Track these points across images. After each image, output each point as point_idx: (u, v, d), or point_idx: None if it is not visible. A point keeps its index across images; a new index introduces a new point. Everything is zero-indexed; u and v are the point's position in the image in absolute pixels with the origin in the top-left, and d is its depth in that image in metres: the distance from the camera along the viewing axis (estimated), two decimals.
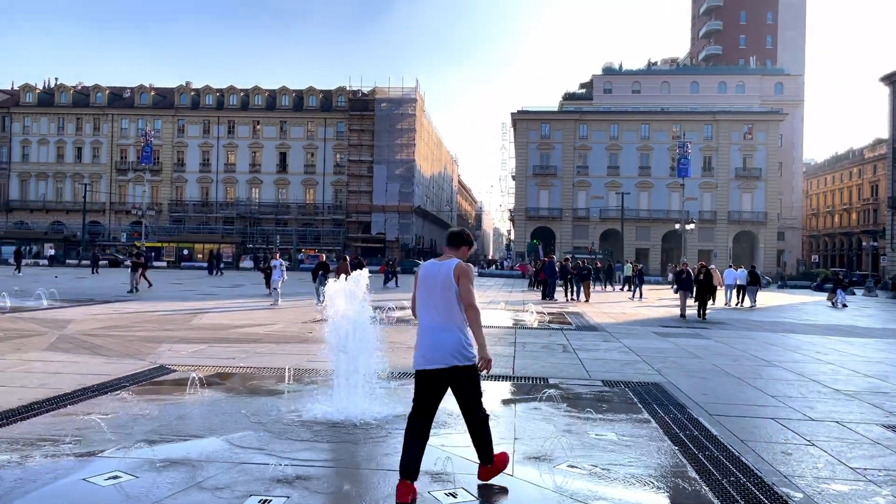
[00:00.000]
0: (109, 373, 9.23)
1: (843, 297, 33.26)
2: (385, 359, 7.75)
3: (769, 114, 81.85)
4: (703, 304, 21.32)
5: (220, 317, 18.11)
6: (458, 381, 4.84)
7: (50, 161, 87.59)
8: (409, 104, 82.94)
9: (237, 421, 6.63)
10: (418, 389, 4.90)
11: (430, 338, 4.84)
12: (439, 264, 4.97)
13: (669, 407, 7.76)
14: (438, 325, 4.83)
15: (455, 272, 4.83)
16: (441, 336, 4.79)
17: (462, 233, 5.13)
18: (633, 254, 78.40)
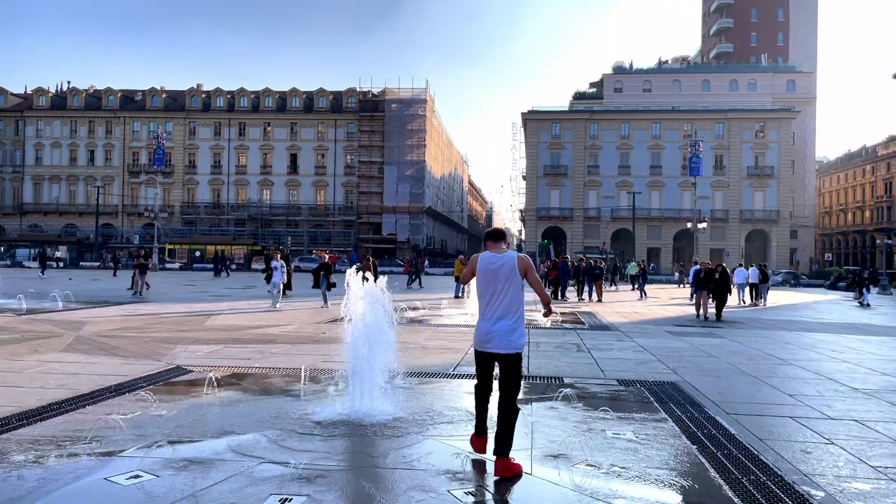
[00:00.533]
0: (126, 373, 9.29)
1: (867, 295, 32.97)
2: (400, 359, 7.78)
3: (781, 111, 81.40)
4: (720, 303, 20.83)
5: (234, 318, 18.18)
6: (507, 366, 5.43)
7: (63, 164, 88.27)
8: (419, 105, 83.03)
9: (255, 421, 6.66)
10: (478, 366, 5.63)
11: (488, 325, 5.43)
12: (499, 256, 5.52)
13: (686, 406, 7.73)
14: (499, 314, 5.40)
15: (519, 265, 5.45)
16: (499, 325, 5.39)
17: (502, 231, 5.86)
18: (645, 253, 78.19)
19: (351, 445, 5.94)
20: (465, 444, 6.03)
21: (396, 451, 5.73)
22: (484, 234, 5.94)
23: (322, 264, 22.98)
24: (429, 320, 18.24)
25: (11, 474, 4.95)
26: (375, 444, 5.95)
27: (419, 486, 4.88)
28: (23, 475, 4.93)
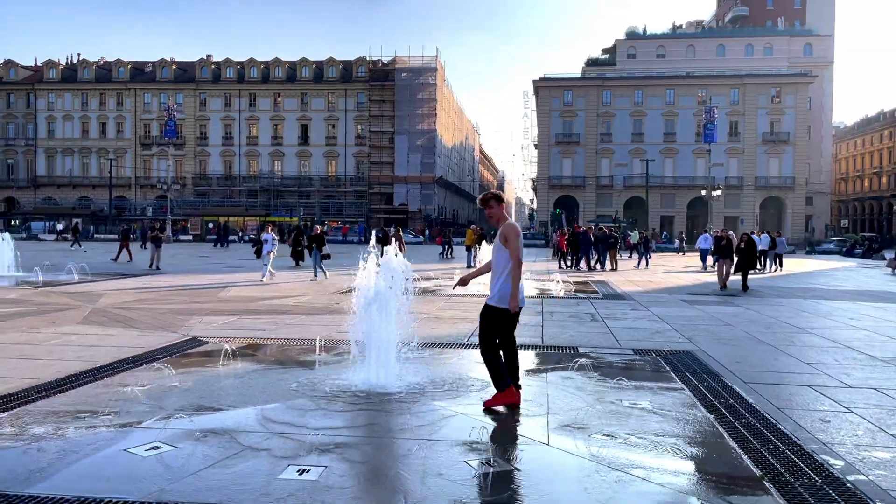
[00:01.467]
0: (143, 345, 9.34)
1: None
2: (414, 330, 7.77)
3: (797, 76, 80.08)
4: (745, 274, 19.77)
5: (249, 289, 18.25)
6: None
7: (75, 137, 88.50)
8: (430, 73, 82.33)
9: (271, 392, 6.69)
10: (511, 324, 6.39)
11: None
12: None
13: (702, 375, 7.69)
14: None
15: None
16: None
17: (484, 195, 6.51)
18: (658, 221, 77.75)
19: (367, 416, 5.95)
20: (482, 414, 6.03)
21: (412, 422, 5.74)
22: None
23: (313, 235, 22.42)
24: (442, 290, 18.25)
25: (32, 446, 5.00)
26: (391, 415, 5.96)
27: (435, 456, 4.88)
28: (43, 447, 4.97)
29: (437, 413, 6.00)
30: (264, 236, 21.49)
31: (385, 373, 6.91)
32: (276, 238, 21.63)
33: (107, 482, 4.34)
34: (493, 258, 6.38)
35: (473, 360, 8.27)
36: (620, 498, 4.20)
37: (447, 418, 5.85)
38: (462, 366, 8.09)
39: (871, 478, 4.60)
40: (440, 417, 5.87)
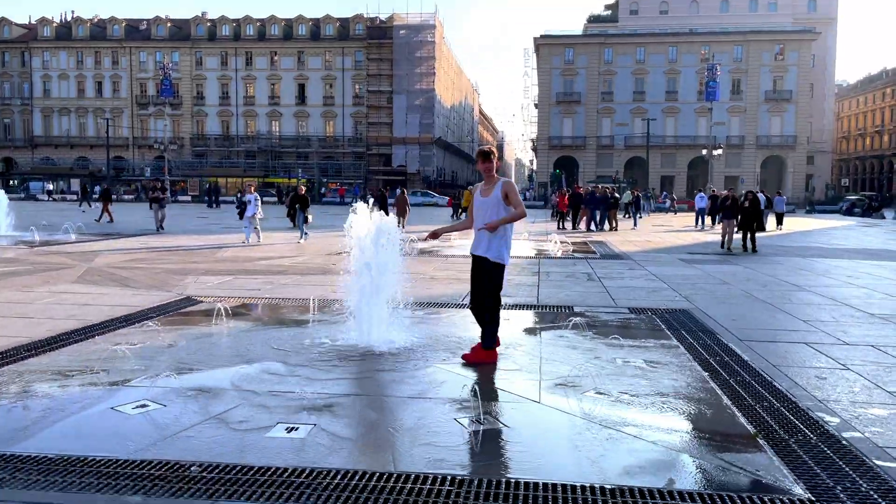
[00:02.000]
0: (137, 304, 9.28)
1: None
2: (409, 290, 7.69)
3: (801, 33, 78.80)
4: (751, 234, 19.00)
5: (245, 250, 18.16)
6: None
7: (71, 96, 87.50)
8: (428, 31, 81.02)
9: (263, 350, 6.63)
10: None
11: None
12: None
13: (698, 333, 7.64)
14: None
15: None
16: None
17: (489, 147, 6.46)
18: (658, 181, 77.29)
19: (358, 374, 5.90)
20: (472, 372, 5.98)
21: (403, 381, 5.69)
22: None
23: (296, 196, 21.27)
24: (439, 251, 18.16)
25: (17, 405, 4.95)
26: (383, 374, 5.90)
27: (426, 415, 4.84)
28: (29, 405, 4.92)
29: (429, 372, 5.94)
30: (247, 197, 20.37)
31: (378, 333, 6.85)
32: (259, 199, 20.49)
33: (92, 440, 4.29)
34: (483, 214, 6.31)
35: (468, 320, 8.20)
36: (611, 455, 4.16)
37: (439, 377, 5.81)
38: (456, 326, 8.04)
39: (866, 435, 4.56)
40: (432, 376, 5.82)
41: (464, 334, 7.40)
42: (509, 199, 6.22)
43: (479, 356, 6.26)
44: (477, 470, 3.93)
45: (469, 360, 6.25)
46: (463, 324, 8.05)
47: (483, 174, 6.49)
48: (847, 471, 3.96)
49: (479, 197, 6.45)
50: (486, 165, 6.37)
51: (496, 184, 6.38)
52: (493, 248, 6.25)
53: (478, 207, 6.44)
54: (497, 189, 6.31)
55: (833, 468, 4.00)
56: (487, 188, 6.42)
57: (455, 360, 6.37)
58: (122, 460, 3.93)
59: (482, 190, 6.48)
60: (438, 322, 8.25)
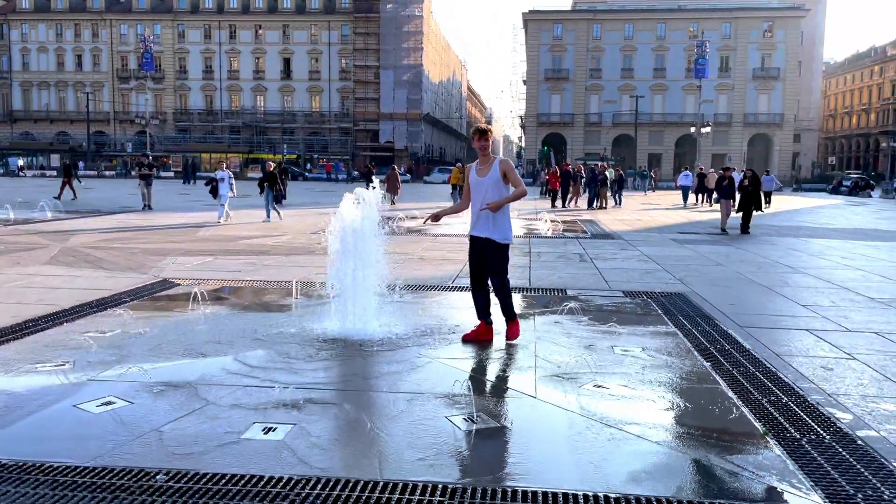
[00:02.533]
0: (110, 287, 8.88)
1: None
2: (397, 271, 7.36)
3: (790, 10, 78.35)
4: (748, 215, 18.11)
5: (227, 228, 17.72)
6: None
7: (51, 69, 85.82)
8: (416, 5, 79.85)
9: (240, 339, 6.27)
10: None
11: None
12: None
13: (696, 318, 7.35)
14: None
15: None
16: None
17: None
18: (646, 159, 76.99)
19: (342, 367, 5.56)
20: (465, 363, 5.66)
21: (391, 374, 5.36)
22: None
23: (266, 174, 19.91)
24: (427, 230, 17.79)
25: None
26: (369, 366, 5.57)
27: (415, 411, 4.51)
28: None
29: (418, 363, 5.62)
30: (219, 174, 19.29)
31: (364, 318, 6.50)
32: (232, 176, 19.56)
33: (51, 444, 3.93)
34: (481, 194, 6.12)
35: (459, 304, 7.90)
36: (614, 459, 3.86)
37: (429, 368, 5.48)
38: (447, 310, 7.71)
39: (882, 433, 4.28)
40: (421, 368, 5.50)
41: (456, 319, 7.09)
42: (508, 177, 6.10)
43: (517, 328, 6.29)
44: (471, 477, 3.62)
45: (514, 335, 6.25)
46: (455, 308, 7.73)
47: (478, 152, 6.24)
48: (866, 475, 3.69)
49: (476, 177, 6.22)
50: (481, 143, 6.15)
51: (493, 163, 6.17)
52: (500, 229, 6.13)
53: (475, 187, 6.22)
54: (494, 168, 6.12)
55: (851, 472, 3.72)
56: (483, 168, 6.19)
57: (446, 348, 6.06)
58: (82, 468, 3.59)
59: (478, 169, 6.23)
60: (429, 306, 7.90)
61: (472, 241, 6.27)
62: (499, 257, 6.15)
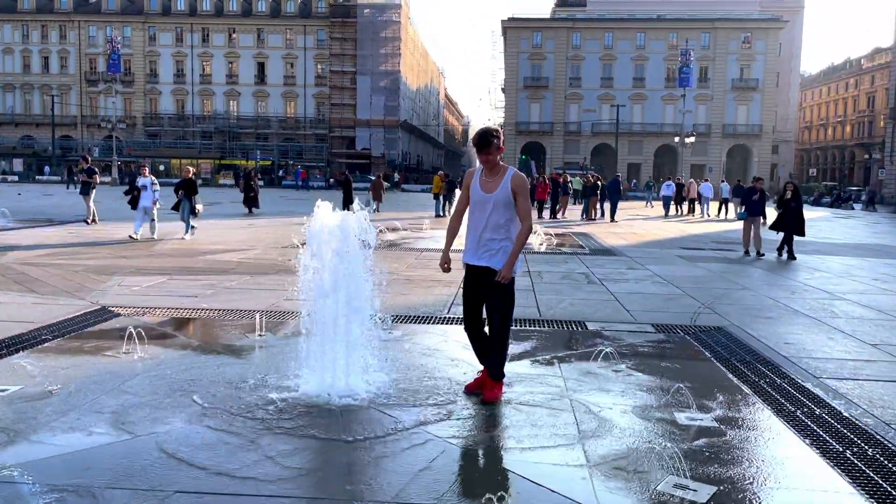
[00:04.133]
0: (33, 319, 7.26)
1: None
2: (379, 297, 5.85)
3: (769, 21, 78.27)
4: (792, 236, 14.85)
5: (191, 239, 16.07)
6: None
7: (16, 72, 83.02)
8: (394, 10, 78.49)
9: (182, 405, 4.68)
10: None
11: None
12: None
13: (757, 366, 5.93)
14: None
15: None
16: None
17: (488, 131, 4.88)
18: (625, 169, 76.21)
19: (312, 454, 4.00)
20: (481, 437, 4.18)
21: (377, 463, 3.83)
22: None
23: (183, 181, 16.71)
24: (410, 244, 16.31)
25: None
26: (348, 450, 4.01)
27: None
28: None
29: (413, 442, 4.10)
30: (140, 181, 16.24)
31: (343, 374, 4.96)
32: (155, 182, 16.36)
33: None
34: (485, 214, 4.76)
35: (458, 340, 6.39)
36: None
37: (429, 452, 3.96)
38: (447, 353, 6.19)
39: None
40: (418, 451, 3.98)
41: (461, 368, 5.59)
42: (517, 201, 4.76)
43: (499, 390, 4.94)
44: None
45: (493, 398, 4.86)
46: (454, 350, 6.23)
47: (482, 164, 4.86)
48: None
49: (480, 191, 4.80)
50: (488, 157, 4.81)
51: (504, 175, 4.77)
52: (504, 256, 4.75)
53: (478, 204, 4.81)
54: (506, 183, 4.73)
55: None
56: (491, 181, 4.79)
57: (456, 417, 4.55)
58: None
59: (483, 182, 4.82)
60: (423, 348, 6.38)
61: (469, 270, 4.90)
62: (501, 294, 4.82)
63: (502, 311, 4.82)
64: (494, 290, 4.77)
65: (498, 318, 4.82)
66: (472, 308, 4.94)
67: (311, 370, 5.07)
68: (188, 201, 16.41)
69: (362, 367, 5.09)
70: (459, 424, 4.46)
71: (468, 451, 4.08)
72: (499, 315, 4.81)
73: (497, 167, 4.81)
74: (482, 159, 4.79)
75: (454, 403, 4.81)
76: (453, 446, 4.09)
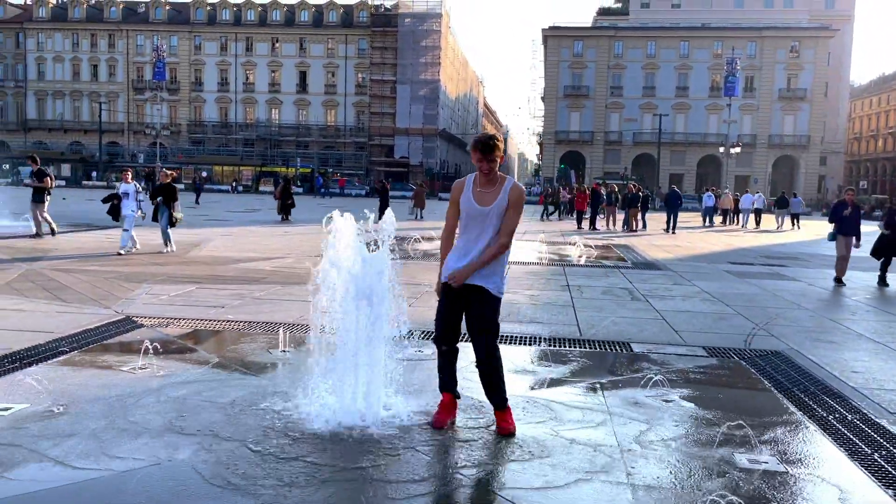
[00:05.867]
0: (54, 328, 7.03)
1: None
2: (409, 310, 5.46)
3: (818, 30, 76.33)
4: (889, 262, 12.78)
5: (225, 246, 15.93)
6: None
7: (66, 79, 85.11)
8: (434, 20, 78.48)
9: (199, 431, 4.33)
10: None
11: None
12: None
13: (822, 397, 5.38)
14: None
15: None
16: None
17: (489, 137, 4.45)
18: (667, 179, 74.91)
19: (327, 494, 3.62)
20: (528, 478, 3.74)
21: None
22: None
23: (160, 186, 14.81)
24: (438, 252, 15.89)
25: None
26: (380, 491, 3.62)
27: None
28: None
29: (443, 483, 3.69)
30: (122, 187, 14.43)
31: (366, 397, 4.58)
32: (140, 189, 14.66)
33: None
34: (480, 227, 4.39)
35: None
36: None
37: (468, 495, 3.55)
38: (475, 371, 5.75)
39: None
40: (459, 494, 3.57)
41: None
42: (507, 214, 4.37)
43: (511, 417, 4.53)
44: None
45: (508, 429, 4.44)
46: None
47: (480, 172, 4.43)
48: None
49: (474, 203, 4.39)
50: (488, 165, 4.38)
51: (502, 186, 4.38)
52: (493, 275, 4.43)
53: (472, 218, 4.40)
54: (503, 195, 4.35)
55: None
56: (488, 192, 4.39)
57: (501, 455, 4.13)
58: None
59: (477, 193, 4.40)
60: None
61: (449, 289, 4.45)
62: (490, 309, 4.43)
63: (492, 330, 4.43)
64: (482, 307, 4.36)
65: (484, 339, 4.41)
66: (452, 327, 4.52)
67: (328, 393, 4.69)
68: (167, 210, 14.38)
69: (384, 391, 4.69)
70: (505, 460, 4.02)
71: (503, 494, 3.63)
72: (486, 337, 4.41)
73: (494, 177, 4.41)
74: (485, 167, 4.34)
75: (480, 430, 4.38)
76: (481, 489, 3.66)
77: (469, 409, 4.81)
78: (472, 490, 3.65)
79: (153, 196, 14.77)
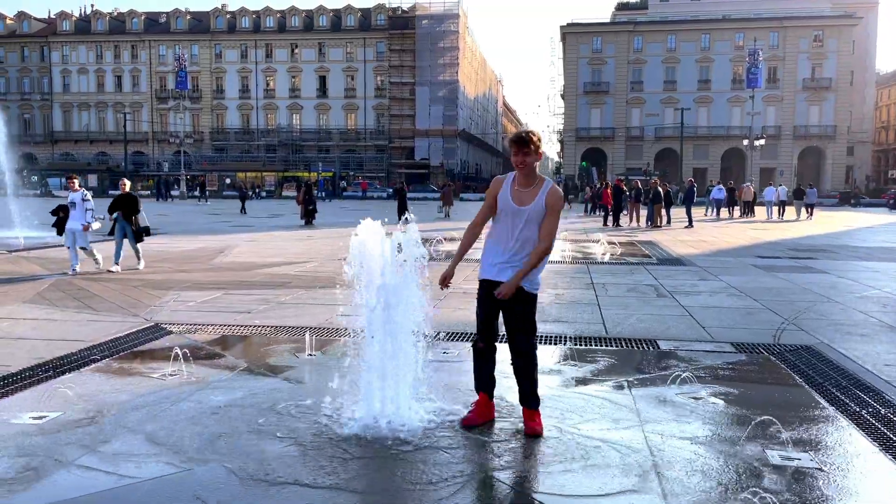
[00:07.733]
0: (85, 337, 7.15)
1: None
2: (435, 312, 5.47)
3: (842, 18, 75.16)
4: None
5: (249, 252, 16.07)
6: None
7: (91, 91, 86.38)
8: (452, 20, 78.49)
9: (227, 439, 4.38)
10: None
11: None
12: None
13: (856, 392, 5.30)
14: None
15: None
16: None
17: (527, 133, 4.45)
18: (691, 173, 74.17)
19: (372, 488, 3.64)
20: (559, 486, 3.73)
21: None
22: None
23: (120, 196, 12.93)
24: (468, 254, 15.88)
25: None
26: (409, 498, 3.63)
27: None
28: None
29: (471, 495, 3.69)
30: (70, 196, 12.46)
31: (395, 400, 4.59)
32: (89, 197, 12.50)
33: None
34: (516, 227, 4.36)
35: None
36: None
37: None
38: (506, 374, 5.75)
39: None
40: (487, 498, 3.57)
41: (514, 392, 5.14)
42: (545, 218, 4.34)
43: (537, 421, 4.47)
44: None
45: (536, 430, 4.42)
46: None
47: (516, 168, 4.40)
48: None
49: (511, 202, 4.37)
50: (524, 159, 4.36)
51: (541, 187, 4.36)
52: (529, 276, 4.38)
53: (507, 215, 4.39)
54: (541, 196, 4.32)
55: None
56: (525, 191, 4.37)
57: (538, 461, 4.12)
58: None
59: (515, 192, 4.39)
60: None
61: (489, 286, 4.44)
62: (524, 310, 4.45)
63: (526, 330, 4.46)
64: (517, 307, 4.38)
65: (523, 338, 4.45)
66: (489, 325, 4.54)
67: (353, 400, 4.72)
68: (126, 224, 12.69)
69: (413, 394, 4.70)
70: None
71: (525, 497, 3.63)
72: (523, 336, 4.45)
73: (532, 176, 4.39)
74: (518, 160, 4.33)
75: (510, 439, 4.37)
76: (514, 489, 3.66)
77: (499, 409, 4.81)
78: (502, 492, 3.64)
79: (111, 210, 12.86)
